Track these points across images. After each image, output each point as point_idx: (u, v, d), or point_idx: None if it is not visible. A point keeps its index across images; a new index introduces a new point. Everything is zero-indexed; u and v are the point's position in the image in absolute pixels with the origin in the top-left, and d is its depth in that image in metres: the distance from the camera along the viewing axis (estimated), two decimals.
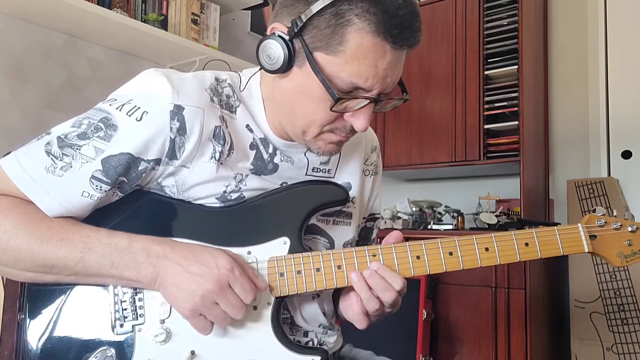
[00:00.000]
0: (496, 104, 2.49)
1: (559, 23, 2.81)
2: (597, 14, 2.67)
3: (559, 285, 2.47)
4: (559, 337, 2.43)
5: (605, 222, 0.94)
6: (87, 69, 2.38)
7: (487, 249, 0.90)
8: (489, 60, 2.55)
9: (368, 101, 0.84)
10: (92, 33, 2.30)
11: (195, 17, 2.57)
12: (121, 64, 2.50)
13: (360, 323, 0.91)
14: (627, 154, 2.55)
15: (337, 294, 1.04)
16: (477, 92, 2.53)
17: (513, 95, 2.45)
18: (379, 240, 1.13)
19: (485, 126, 2.49)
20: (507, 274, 2.19)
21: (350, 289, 0.91)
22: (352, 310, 0.91)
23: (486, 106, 2.51)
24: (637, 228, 0.93)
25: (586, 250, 0.93)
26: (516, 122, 2.41)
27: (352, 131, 0.89)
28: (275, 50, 0.83)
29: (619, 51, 2.61)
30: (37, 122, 2.16)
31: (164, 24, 2.44)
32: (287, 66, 0.84)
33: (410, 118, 2.71)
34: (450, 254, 0.90)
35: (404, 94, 0.91)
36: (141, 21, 2.33)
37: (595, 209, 0.96)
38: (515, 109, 2.42)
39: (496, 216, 2.41)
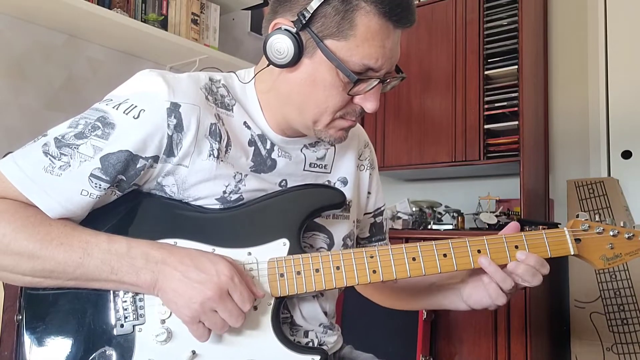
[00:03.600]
0: (496, 104, 2.49)
1: (559, 23, 2.81)
2: (597, 14, 2.67)
3: (559, 285, 2.47)
4: (559, 337, 2.43)
5: (589, 227, 0.98)
6: (87, 69, 2.38)
7: (479, 251, 0.94)
8: (489, 60, 2.55)
9: (378, 81, 0.88)
10: (92, 33, 2.30)
11: (195, 17, 2.57)
12: (121, 64, 2.50)
13: (501, 298, 0.95)
14: (627, 154, 2.55)
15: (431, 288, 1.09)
16: (477, 92, 2.53)
17: (513, 95, 2.45)
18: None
19: (485, 126, 2.49)
20: None
21: (478, 281, 0.97)
22: (489, 292, 0.94)
23: (486, 106, 2.51)
24: (618, 232, 0.98)
25: (572, 253, 0.96)
26: (516, 122, 2.41)
27: (360, 114, 0.93)
28: (284, 44, 0.85)
29: (619, 51, 2.61)
30: (37, 122, 2.16)
31: (164, 24, 2.44)
32: (297, 58, 0.86)
33: (410, 118, 2.71)
34: (445, 255, 0.93)
35: (400, 73, 0.95)
36: (141, 21, 2.33)
37: (578, 214, 1.01)
38: (515, 109, 2.42)
39: (496, 216, 2.41)
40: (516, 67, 2.43)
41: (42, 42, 2.22)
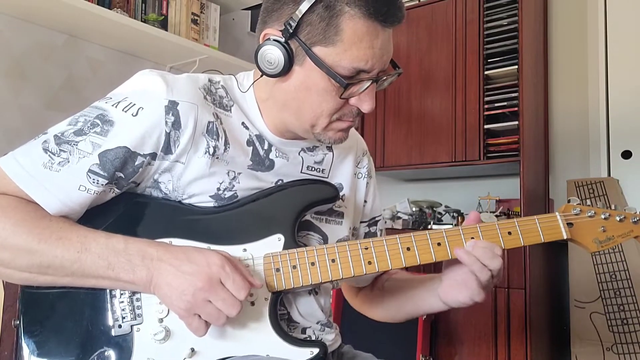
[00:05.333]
0: (496, 104, 2.49)
1: (559, 23, 2.81)
2: (597, 14, 2.67)
3: (559, 285, 2.47)
4: (559, 337, 2.42)
5: (580, 211, 0.99)
6: (87, 69, 2.38)
7: (473, 239, 0.94)
8: (489, 60, 2.55)
9: (371, 82, 0.88)
10: (92, 33, 2.30)
11: (195, 17, 2.57)
12: (121, 64, 2.50)
13: (480, 295, 0.94)
14: (627, 154, 2.55)
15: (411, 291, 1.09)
16: (477, 92, 2.53)
17: (513, 95, 2.44)
18: None
19: (485, 126, 2.49)
20: (507, 274, 2.19)
21: (452, 276, 0.97)
22: (468, 287, 0.94)
23: (486, 106, 2.51)
24: (609, 215, 0.98)
25: (564, 237, 0.97)
26: (516, 122, 2.40)
27: (358, 114, 0.93)
28: (274, 54, 0.87)
29: (619, 51, 2.61)
30: (37, 122, 2.16)
31: (164, 24, 2.45)
32: (288, 68, 0.87)
33: (410, 118, 2.71)
34: (439, 244, 0.94)
35: (397, 68, 0.95)
36: (141, 21, 2.34)
37: (570, 199, 1.01)
38: (515, 109, 2.42)
39: (496, 216, 2.41)
40: (516, 67, 2.43)
41: (42, 42, 2.22)
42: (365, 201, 1.15)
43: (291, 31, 0.85)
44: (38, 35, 2.20)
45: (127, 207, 0.90)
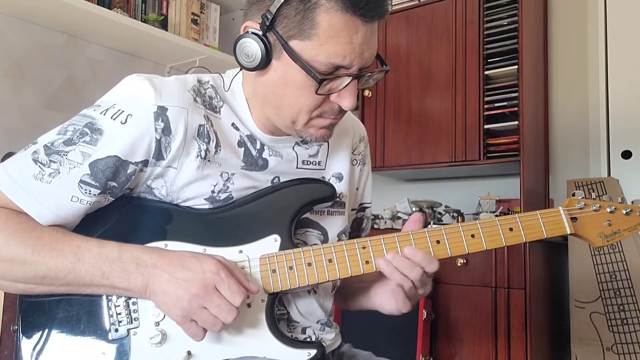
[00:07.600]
0: (496, 104, 2.49)
1: (559, 23, 2.80)
2: (597, 14, 2.67)
3: (559, 286, 2.46)
4: (559, 337, 2.42)
5: (584, 205, 0.96)
6: (87, 69, 2.39)
7: (473, 236, 0.92)
8: (489, 60, 2.55)
9: (351, 79, 0.85)
10: (92, 33, 2.31)
11: (195, 17, 2.58)
12: (121, 64, 2.50)
13: (406, 307, 0.94)
14: (627, 154, 2.55)
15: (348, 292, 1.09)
16: (477, 92, 2.52)
17: (513, 95, 2.44)
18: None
19: (485, 126, 2.49)
20: (507, 274, 2.19)
21: (379, 285, 0.97)
22: (395, 298, 0.94)
23: (486, 106, 2.50)
24: (615, 209, 0.95)
25: (568, 232, 0.94)
26: (516, 122, 2.40)
27: (341, 112, 0.90)
28: (251, 47, 0.85)
29: (619, 51, 2.60)
30: (37, 122, 2.17)
31: (164, 24, 2.45)
32: (266, 61, 0.85)
33: (410, 118, 2.71)
34: (438, 242, 0.92)
35: (384, 65, 0.92)
36: (141, 21, 2.34)
37: (574, 192, 0.98)
38: (515, 109, 2.42)
39: (496, 216, 2.41)
40: (516, 67, 2.43)
41: (42, 42, 2.22)
42: (357, 188, 1.14)
43: (267, 24, 0.83)
44: (38, 35, 2.20)
45: (122, 212, 0.90)
